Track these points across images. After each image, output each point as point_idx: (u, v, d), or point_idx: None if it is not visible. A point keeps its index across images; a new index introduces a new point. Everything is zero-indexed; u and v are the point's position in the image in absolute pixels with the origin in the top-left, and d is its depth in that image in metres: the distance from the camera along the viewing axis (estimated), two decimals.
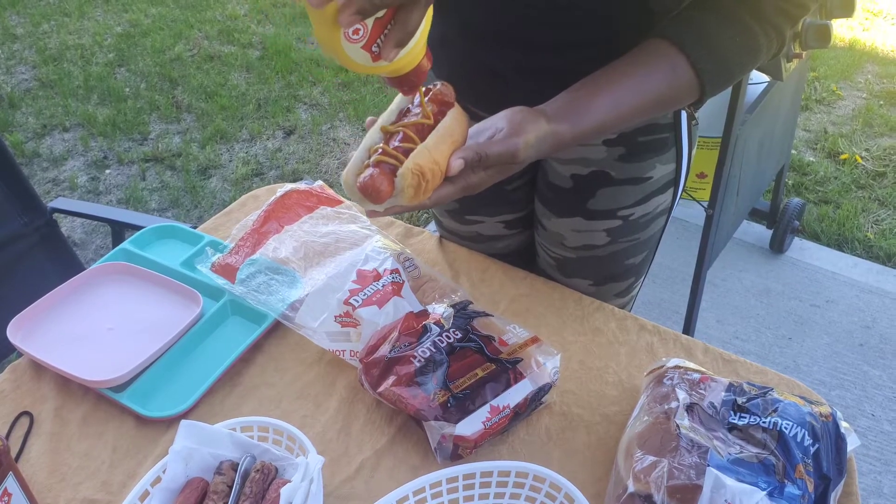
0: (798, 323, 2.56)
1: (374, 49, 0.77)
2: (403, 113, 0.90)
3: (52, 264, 1.75)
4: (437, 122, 0.88)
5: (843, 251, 2.88)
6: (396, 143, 0.86)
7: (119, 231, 1.75)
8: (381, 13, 0.75)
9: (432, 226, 2.86)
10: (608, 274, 1.31)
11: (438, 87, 0.91)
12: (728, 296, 2.67)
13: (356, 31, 0.74)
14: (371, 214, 0.89)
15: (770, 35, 0.91)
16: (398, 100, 0.92)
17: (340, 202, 1.40)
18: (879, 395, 2.30)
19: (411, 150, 0.84)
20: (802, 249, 2.88)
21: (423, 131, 0.86)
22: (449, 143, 0.86)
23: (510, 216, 1.37)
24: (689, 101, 0.95)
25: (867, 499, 1.99)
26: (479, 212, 1.37)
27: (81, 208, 1.79)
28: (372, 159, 0.85)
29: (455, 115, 0.90)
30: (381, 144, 0.87)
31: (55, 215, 1.75)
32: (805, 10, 0.91)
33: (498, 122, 0.89)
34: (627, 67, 0.92)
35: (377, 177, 0.83)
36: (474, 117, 1.13)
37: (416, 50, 0.81)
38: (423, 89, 0.90)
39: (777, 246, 2.83)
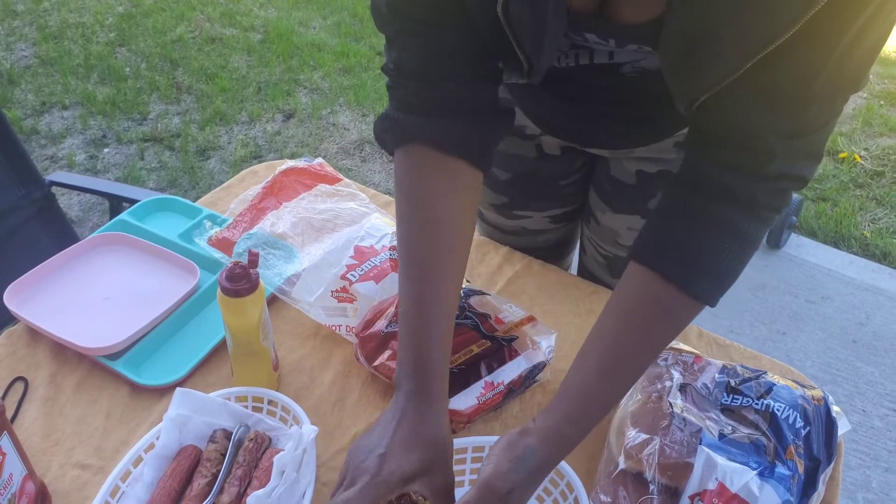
0: (793, 318, 2.57)
1: None
2: None
3: (48, 238, 1.75)
4: None
5: (839, 248, 2.89)
6: None
7: (117, 206, 1.75)
8: None
9: None
10: None
11: None
12: None
13: None
14: None
15: (765, 217, 0.79)
16: None
17: (339, 179, 1.40)
18: (871, 391, 2.31)
19: None
20: (799, 246, 2.89)
21: None
22: None
23: (559, 210, 1.34)
24: (697, 314, 0.85)
25: (855, 493, 2.00)
26: (529, 207, 1.33)
27: (80, 182, 1.78)
28: None
29: None
30: None
31: (53, 189, 1.74)
32: (804, 182, 0.78)
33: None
34: (630, 350, 0.81)
35: None
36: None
37: None
38: None
39: (774, 241, 2.84)
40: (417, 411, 0.79)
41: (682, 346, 1.03)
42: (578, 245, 1.44)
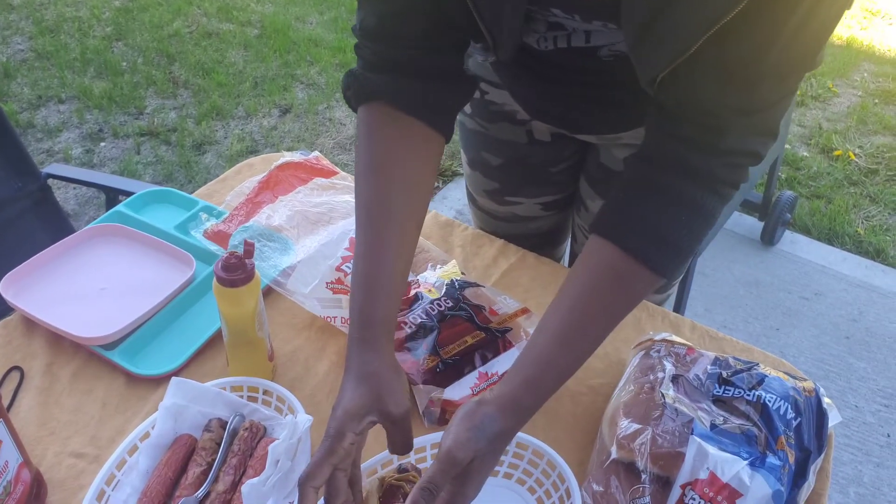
0: (786, 314, 2.58)
1: None
2: None
3: (44, 230, 1.75)
4: None
5: (833, 245, 2.90)
6: None
7: (113, 199, 1.75)
8: None
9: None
10: None
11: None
12: (718, 286, 2.68)
13: None
14: None
15: (722, 192, 0.81)
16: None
17: (335, 173, 1.40)
18: (863, 386, 2.32)
19: None
20: (793, 242, 2.90)
21: None
22: None
23: (550, 197, 1.35)
24: (654, 288, 0.86)
25: (847, 487, 2.02)
26: (520, 193, 1.34)
27: (76, 174, 1.79)
28: None
29: None
30: None
31: (49, 182, 1.74)
32: (758, 158, 0.81)
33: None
34: (583, 321, 0.82)
35: None
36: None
37: None
38: None
39: (768, 238, 2.85)
40: (360, 357, 0.81)
41: (674, 337, 1.04)
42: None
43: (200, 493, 0.88)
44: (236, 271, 0.94)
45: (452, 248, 1.31)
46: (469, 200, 1.45)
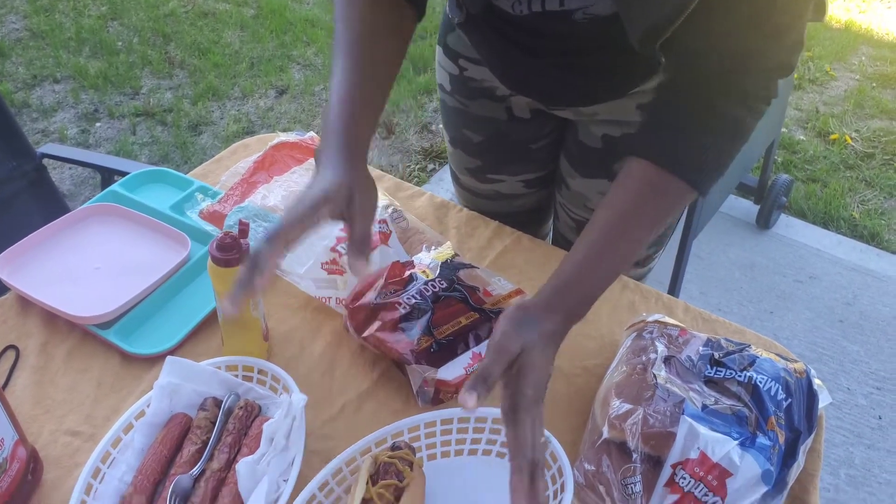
0: (780, 297, 2.59)
1: None
2: None
3: (40, 210, 1.75)
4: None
5: (828, 229, 2.91)
6: None
7: (108, 179, 1.75)
8: None
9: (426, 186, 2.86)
10: None
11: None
12: (712, 269, 2.69)
13: None
14: None
15: (754, 106, 0.84)
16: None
17: None
18: (856, 369, 2.33)
19: None
20: (788, 226, 2.91)
21: None
22: None
23: (531, 175, 1.36)
24: (690, 200, 0.90)
25: (838, 469, 2.03)
26: (501, 171, 1.35)
27: (71, 154, 1.78)
28: None
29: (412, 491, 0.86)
30: None
31: (45, 161, 1.74)
32: (790, 69, 0.83)
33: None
34: (620, 223, 0.84)
35: None
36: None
37: None
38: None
39: (763, 221, 2.85)
40: (337, 152, 0.84)
41: (667, 319, 1.05)
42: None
43: (195, 470, 0.89)
44: (231, 251, 0.95)
45: (447, 229, 1.31)
46: (453, 179, 1.47)
